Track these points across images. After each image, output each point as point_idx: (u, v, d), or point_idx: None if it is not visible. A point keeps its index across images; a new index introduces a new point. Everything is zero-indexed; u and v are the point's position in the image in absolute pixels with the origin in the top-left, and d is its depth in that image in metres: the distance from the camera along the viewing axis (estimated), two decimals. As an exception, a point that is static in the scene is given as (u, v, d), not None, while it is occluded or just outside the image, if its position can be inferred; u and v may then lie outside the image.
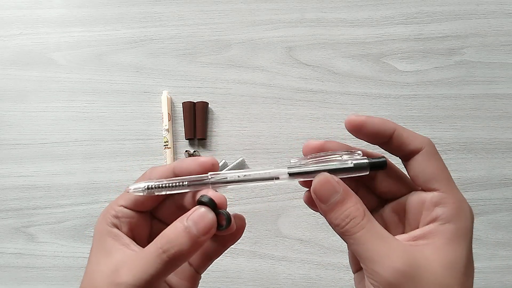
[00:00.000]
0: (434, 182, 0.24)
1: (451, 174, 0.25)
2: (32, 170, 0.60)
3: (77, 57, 0.62)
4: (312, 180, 0.25)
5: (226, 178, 0.26)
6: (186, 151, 0.59)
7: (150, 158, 0.59)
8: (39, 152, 0.61)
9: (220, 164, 0.58)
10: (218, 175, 0.26)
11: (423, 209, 0.24)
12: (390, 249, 0.23)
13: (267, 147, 0.59)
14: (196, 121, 0.59)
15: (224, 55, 0.61)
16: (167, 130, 0.59)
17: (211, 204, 0.25)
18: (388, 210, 0.27)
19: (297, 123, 0.59)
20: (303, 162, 0.26)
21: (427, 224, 0.24)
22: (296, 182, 0.27)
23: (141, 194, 0.26)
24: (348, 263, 0.59)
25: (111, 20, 0.62)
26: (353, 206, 0.24)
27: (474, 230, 0.25)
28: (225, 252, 0.29)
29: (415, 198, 0.25)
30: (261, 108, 0.60)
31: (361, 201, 0.24)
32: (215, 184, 0.26)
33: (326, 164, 0.25)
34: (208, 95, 0.60)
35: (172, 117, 0.60)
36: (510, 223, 0.57)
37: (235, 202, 0.58)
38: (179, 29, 0.62)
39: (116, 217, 0.27)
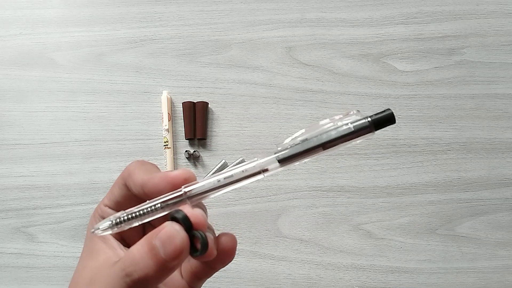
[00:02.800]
0: None
1: (451, 174, 0.23)
2: (32, 170, 0.60)
3: (77, 57, 0.62)
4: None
5: (204, 187, 0.21)
6: (186, 151, 0.59)
7: (150, 158, 0.59)
8: (39, 152, 0.61)
9: (219, 165, 0.58)
10: (193, 186, 0.22)
11: None
12: None
13: (267, 147, 0.59)
14: (196, 121, 0.59)
15: (224, 55, 0.61)
16: (167, 130, 0.59)
17: (185, 223, 0.21)
18: None
19: (297, 123, 0.59)
20: (291, 142, 0.21)
21: None
22: (297, 181, 0.24)
23: (110, 232, 0.23)
24: (348, 263, 0.59)
25: (111, 20, 0.62)
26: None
27: (474, 230, 0.25)
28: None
29: None
30: (261, 108, 0.60)
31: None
32: (193, 197, 0.22)
33: (322, 135, 0.20)
34: (208, 95, 0.60)
35: (172, 117, 0.60)
36: (510, 223, 0.57)
37: (235, 202, 0.58)
38: (179, 29, 0.62)
39: (103, 217, 0.25)
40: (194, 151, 0.59)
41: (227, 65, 0.61)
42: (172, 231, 0.21)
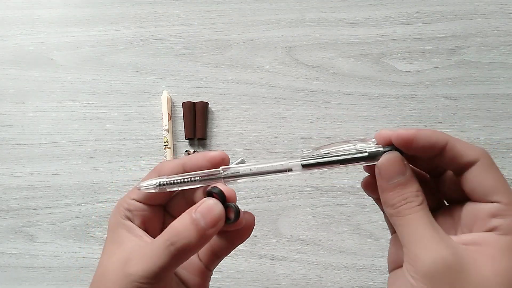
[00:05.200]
0: (493, 195, 0.23)
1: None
2: (32, 170, 0.60)
3: (77, 57, 0.62)
4: (374, 165, 0.24)
5: (239, 171, 0.26)
6: (186, 151, 0.59)
7: (150, 158, 0.59)
8: (39, 152, 0.61)
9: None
10: (230, 169, 0.26)
11: (477, 219, 0.23)
12: (439, 238, 0.22)
13: (267, 147, 0.59)
14: (196, 121, 0.59)
15: (224, 55, 0.61)
16: (167, 130, 0.59)
17: (221, 196, 0.25)
18: (443, 213, 0.26)
19: (297, 123, 0.59)
20: (316, 152, 0.26)
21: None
22: (297, 181, 0.27)
23: (153, 191, 0.26)
24: (348, 263, 0.59)
25: (111, 20, 0.62)
26: (413, 192, 0.23)
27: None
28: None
29: (470, 207, 0.24)
30: (261, 108, 0.60)
31: (422, 190, 0.24)
32: (227, 178, 0.26)
33: (341, 153, 0.25)
34: (208, 95, 0.60)
35: (172, 117, 0.60)
36: (510, 223, 0.57)
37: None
38: (179, 29, 0.62)
39: (129, 210, 0.27)
40: (194, 151, 0.59)
41: (227, 65, 0.61)
42: (211, 204, 0.24)
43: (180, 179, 0.26)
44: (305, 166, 0.25)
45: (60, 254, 0.59)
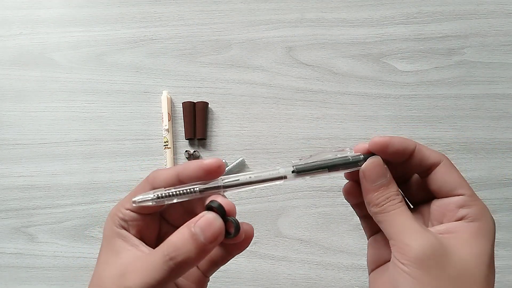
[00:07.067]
0: (458, 189, 0.26)
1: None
2: (32, 170, 0.60)
3: (77, 57, 0.62)
4: (353, 172, 0.27)
5: (239, 180, 0.26)
6: (186, 151, 0.59)
7: (150, 158, 0.59)
8: (39, 152, 0.61)
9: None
10: (229, 178, 0.26)
11: (446, 211, 0.26)
12: (422, 228, 0.25)
13: (267, 147, 0.59)
14: (196, 121, 0.59)
15: (224, 55, 0.61)
16: (167, 130, 0.59)
17: (220, 211, 0.24)
18: (414, 211, 0.29)
19: (297, 123, 0.59)
20: (308, 160, 0.27)
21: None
22: (297, 181, 0.28)
23: (150, 204, 0.26)
24: (348, 263, 0.59)
25: (111, 20, 0.62)
26: (394, 192, 0.26)
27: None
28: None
29: (437, 203, 0.27)
30: (261, 108, 0.60)
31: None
32: (227, 187, 0.26)
33: (329, 159, 0.27)
34: (208, 95, 0.60)
35: (172, 117, 0.60)
36: (510, 223, 0.57)
37: (235, 202, 0.58)
38: (179, 29, 0.62)
39: (124, 220, 0.27)
40: (194, 151, 0.59)
41: (227, 65, 0.61)
42: (211, 218, 0.24)
43: (178, 191, 0.25)
44: (297, 173, 0.27)
45: (60, 254, 0.59)
